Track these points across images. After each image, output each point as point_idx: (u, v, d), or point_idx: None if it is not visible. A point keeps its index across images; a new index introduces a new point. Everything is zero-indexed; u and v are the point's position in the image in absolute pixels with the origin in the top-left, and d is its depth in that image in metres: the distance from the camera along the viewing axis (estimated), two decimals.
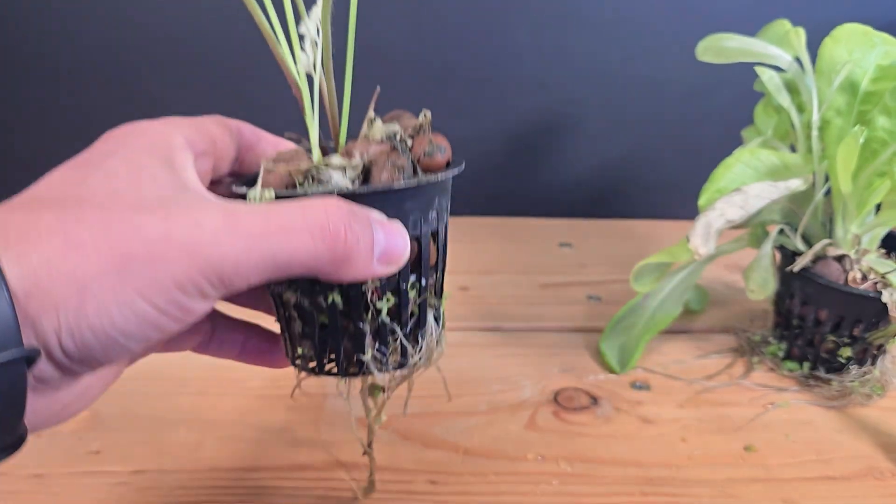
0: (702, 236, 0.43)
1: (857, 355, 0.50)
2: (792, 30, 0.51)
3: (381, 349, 0.31)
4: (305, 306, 0.30)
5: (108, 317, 0.22)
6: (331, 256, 0.25)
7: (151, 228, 0.23)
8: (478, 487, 0.41)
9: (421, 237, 0.30)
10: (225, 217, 0.24)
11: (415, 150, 0.31)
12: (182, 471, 0.41)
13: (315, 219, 0.25)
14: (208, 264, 0.23)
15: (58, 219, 0.23)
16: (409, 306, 0.31)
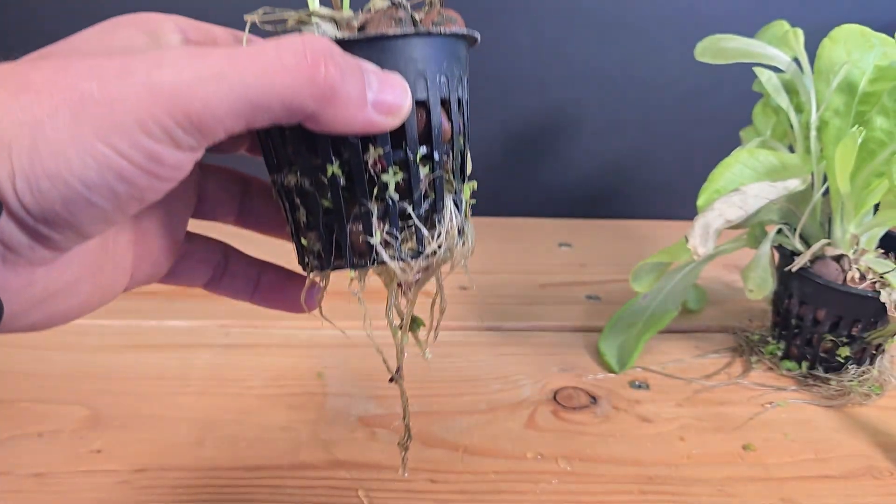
0: (700, 236, 0.43)
1: (855, 355, 0.50)
2: (790, 30, 0.51)
3: (391, 232, 0.27)
4: (307, 188, 0.27)
5: (65, 160, 0.20)
6: (312, 90, 0.22)
7: (109, 66, 0.21)
8: (477, 486, 0.41)
9: (428, 102, 0.26)
10: (190, 53, 0.21)
11: (424, 22, 0.28)
12: (183, 470, 0.42)
13: (290, 47, 0.22)
14: (174, 102, 0.20)
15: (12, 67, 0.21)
16: (420, 183, 0.27)
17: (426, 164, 0.27)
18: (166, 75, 0.20)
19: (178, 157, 0.21)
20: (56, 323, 0.24)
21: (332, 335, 0.55)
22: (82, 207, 0.21)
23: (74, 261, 0.23)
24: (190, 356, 0.52)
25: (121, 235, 0.26)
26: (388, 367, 0.32)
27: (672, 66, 0.74)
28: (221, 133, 0.22)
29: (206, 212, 0.32)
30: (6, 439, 0.44)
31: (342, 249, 0.27)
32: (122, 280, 0.27)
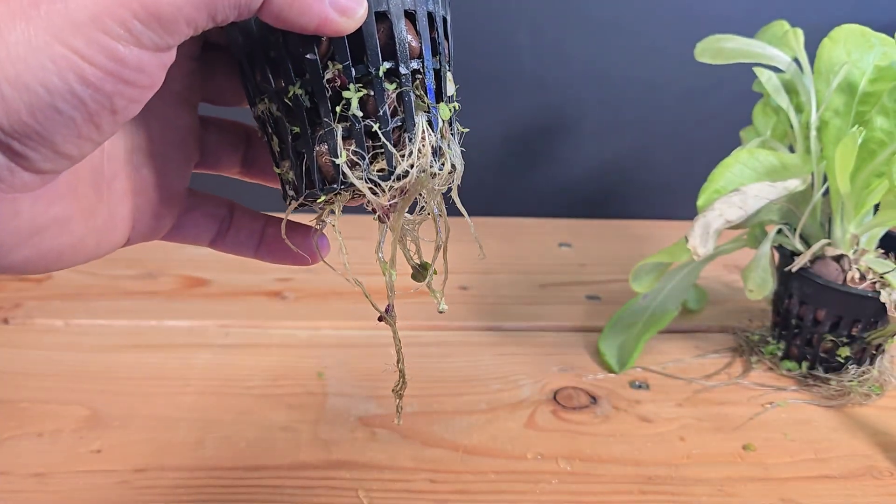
0: (700, 237, 0.43)
1: (855, 355, 0.50)
2: (790, 31, 0.51)
3: (357, 152, 0.26)
4: (275, 113, 0.27)
5: (24, 63, 0.19)
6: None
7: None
8: (477, 486, 0.41)
9: (390, 13, 0.25)
10: None
11: None
12: (183, 470, 0.42)
13: None
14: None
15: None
16: (384, 100, 0.26)
17: (392, 80, 0.26)
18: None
19: (140, 57, 0.20)
20: (50, 264, 0.23)
21: (332, 335, 0.55)
22: (49, 116, 0.20)
23: (63, 195, 0.23)
24: (190, 356, 0.53)
25: (116, 182, 0.26)
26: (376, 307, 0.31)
27: (672, 66, 0.74)
28: (184, 26, 0.21)
29: (210, 164, 0.31)
30: (6, 439, 0.44)
31: (311, 174, 0.26)
32: (121, 229, 0.26)
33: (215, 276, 0.64)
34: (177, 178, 0.29)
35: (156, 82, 0.21)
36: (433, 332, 0.57)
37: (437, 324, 0.58)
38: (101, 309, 0.58)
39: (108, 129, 0.21)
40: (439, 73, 0.27)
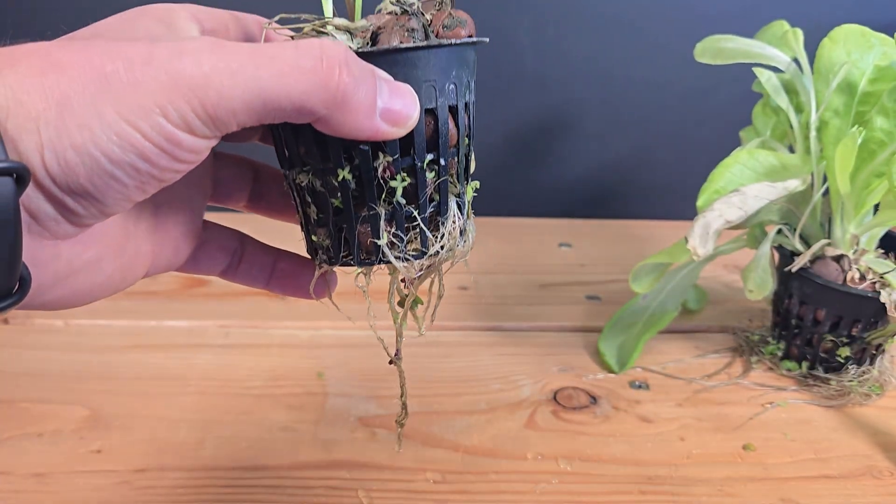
0: (700, 237, 0.43)
1: (855, 355, 0.50)
2: (790, 31, 0.51)
3: (397, 234, 0.28)
4: (318, 188, 0.28)
5: (91, 134, 0.21)
6: (324, 95, 0.23)
7: (134, 52, 0.22)
8: (478, 486, 0.41)
9: (437, 110, 0.27)
10: (211, 46, 0.22)
11: (434, 23, 0.28)
12: (183, 470, 0.42)
13: (308, 51, 0.23)
14: (191, 89, 0.21)
15: (38, 45, 0.22)
16: (426, 188, 0.28)
17: (432, 169, 0.28)
18: (187, 65, 0.21)
19: (193, 143, 0.22)
20: (80, 300, 0.25)
21: (333, 335, 0.55)
22: (105, 181, 0.22)
23: (97, 239, 0.24)
24: (190, 356, 0.53)
25: (141, 220, 0.27)
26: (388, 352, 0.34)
27: (672, 66, 0.74)
28: (234, 125, 0.22)
29: (219, 198, 0.33)
30: (6, 439, 0.44)
31: (350, 247, 0.28)
32: (143, 264, 0.28)
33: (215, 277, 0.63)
34: (194, 213, 0.30)
35: (201, 158, 0.23)
36: (433, 332, 0.57)
37: (437, 324, 0.58)
38: (101, 309, 0.58)
39: (151, 192, 0.23)
40: (468, 157, 0.30)
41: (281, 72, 0.22)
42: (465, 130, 0.29)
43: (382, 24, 0.27)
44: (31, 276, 0.22)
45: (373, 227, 0.28)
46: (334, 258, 0.29)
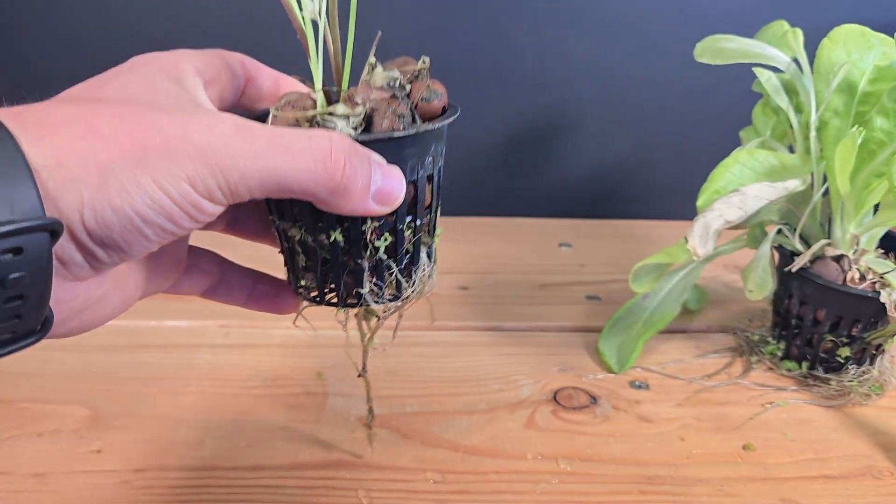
0: (700, 237, 0.43)
1: (855, 355, 0.50)
2: (790, 31, 0.51)
3: (377, 283, 0.33)
4: (309, 243, 0.32)
5: (128, 198, 0.24)
6: (329, 184, 0.26)
7: (169, 125, 0.24)
8: (478, 486, 0.41)
9: (417, 181, 0.32)
10: (237, 127, 0.25)
11: (413, 95, 0.33)
12: (183, 470, 0.42)
13: (320, 144, 0.26)
14: (218, 166, 0.25)
15: (77, 109, 0.24)
16: (404, 245, 0.33)
17: (410, 227, 0.33)
18: (216, 144, 0.25)
19: (212, 208, 0.26)
20: (86, 329, 0.27)
21: (333, 335, 0.55)
22: (135, 237, 0.25)
23: (109, 277, 0.27)
24: (190, 356, 0.53)
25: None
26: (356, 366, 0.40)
27: (672, 66, 0.74)
28: (247, 198, 0.26)
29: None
30: (6, 439, 0.44)
31: (336, 293, 0.33)
32: (139, 292, 0.30)
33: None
34: (182, 242, 0.33)
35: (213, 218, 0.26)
36: (433, 332, 0.57)
37: (437, 324, 0.58)
38: None
39: (167, 243, 0.26)
40: (436, 212, 0.34)
41: (295, 161, 0.26)
42: (437, 191, 0.34)
43: (374, 105, 0.31)
44: (53, 316, 0.25)
45: (357, 277, 0.33)
46: (320, 300, 0.34)
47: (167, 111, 0.25)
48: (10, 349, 0.24)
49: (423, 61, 0.34)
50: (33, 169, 0.22)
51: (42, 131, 0.23)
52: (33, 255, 0.23)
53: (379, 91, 0.32)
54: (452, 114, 0.33)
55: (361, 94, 0.32)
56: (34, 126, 0.23)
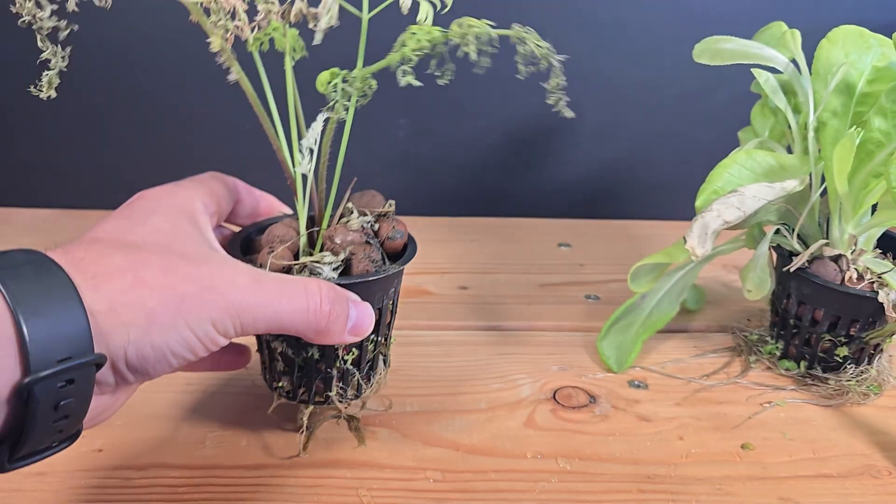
0: (699, 237, 0.43)
1: (853, 354, 0.50)
2: (788, 32, 0.51)
3: (342, 387, 0.41)
4: (289, 354, 0.40)
5: (166, 338, 0.30)
6: (316, 328, 0.34)
7: (200, 277, 0.31)
8: (477, 485, 0.41)
9: (382, 307, 0.40)
10: (252, 280, 0.32)
11: (380, 232, 0.41)
12: (184, 468, 0.42)
13: (313, 298, 0.33)
14: (236, 312, 0.31)
15: (126, 260, 0.30)
16: (367, 357, 0.41)
17: (372, 343, 0.41)
18: (237, 295, 0.31)
19: (224, 342, 0.32)
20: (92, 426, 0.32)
21: None
22: (163, 365, 0.31)
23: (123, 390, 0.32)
24: None
25: None
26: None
27: (670, 67, 0.74)
28: (252, 333, 0.33)
29: None
30: None
31: (308, 393, 0.41)
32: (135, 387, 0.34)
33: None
34: None
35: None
36: (433, 331, 0.57)
37: (437, 323, 0.58)
38: None
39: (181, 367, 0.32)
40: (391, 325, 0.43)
41: (295, 311, 0.33)
42: (394, 310, 0.42)
43: (353, 250, 0.39)
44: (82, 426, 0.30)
45: (326, 382, 0.41)
46: (293, 397, 0.42)
47: (197, 262, 0.32)
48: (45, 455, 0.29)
49: (389, 204, 0.42)
50: (90, 312, 0.27)
51: (98, 280, 0.29)
52: (81, 384, 0.27)
53: (354, 233, 0.40)
54: (412, 252, 0.41)
55: (340, 235, 0.39)
56: (92, 275, 0.29)
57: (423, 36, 0.36)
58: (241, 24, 0.34)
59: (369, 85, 0.37)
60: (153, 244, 0.32)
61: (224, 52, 0.35)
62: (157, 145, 0.75)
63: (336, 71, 0.37)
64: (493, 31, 0.36)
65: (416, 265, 0.68)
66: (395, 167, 0.78)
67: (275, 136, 0.38)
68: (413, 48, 0.36)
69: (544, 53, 0.40)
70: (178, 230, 0.34)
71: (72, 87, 0.35)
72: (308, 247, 0.40)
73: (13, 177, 0.76)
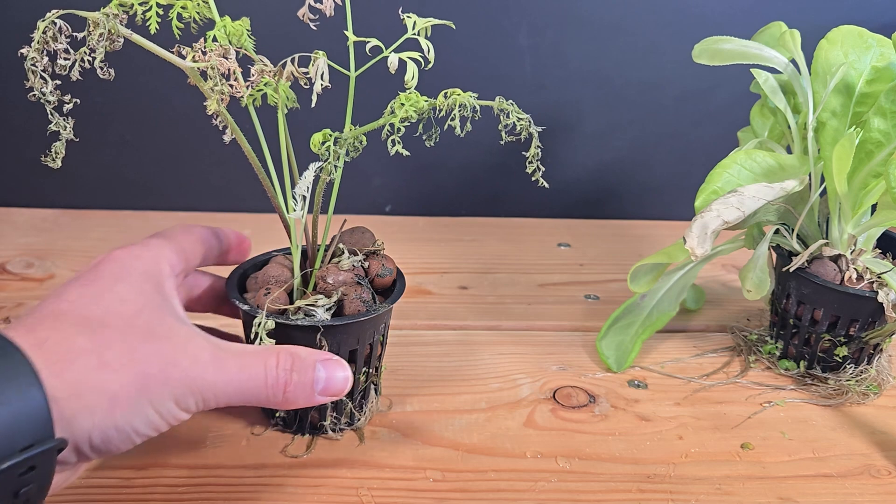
0: (698, 237, 0.43)
1: (853, 354, 0.50)
2: (787, 32, 0.51)
3: (336, 416, 0.44)
4: None
5: (130, 420, 0.30)
6: (275, 401, 0.35)
7: (163, 354, 0.32)
8: (477, 485, 0.41)
9: (373, 343, 0.43)
10: (214, 358, 0.33)
11: (370, 270, 0.43)
12: (184, 468, 0.42)
13: (271, 374, 0.34)
14: (199, 389, 0.32)
15: (89, 341, 0.30)
16: (359, 388, 0.43)
17: (364, 374, 0.43)
18: (199, 372, 0.32)
19: (185, 416, 0.33)
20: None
21: None
22: (126, 445, 0.31)
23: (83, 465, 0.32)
24: None
25: None
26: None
27: (670, 67, 0.74)
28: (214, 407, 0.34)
29: None
30: None
31: (303, 423, 0.44)
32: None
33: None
34: None
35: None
36: (433, 331, 0.57)
37: (437, 323, 0.58)
38: None
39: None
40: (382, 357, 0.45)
41: (256, 386, 0.34)
42: (384, 342, 0.44)
43: (345, 291, 0.41)
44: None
45: (321, 413, 0.43)
46: (289, 426, 0.44)
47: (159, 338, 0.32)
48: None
49: (380, 244, 0.44)
50: (52, 398, 0.28)
51: (61, 365, 0.29)
52: (43, 469, 0.28)
53: (346, 273, 0.42)
54: (401, 289, 0.43)
55: (332, 275, 0.41)
56: (55, 359, 0.29)
57: (411, 106, 0.38)
58: (237, 84, 0.36)
59: (360, 141, 0.40)
60: (117, 318, 0.32)
61: (220, 114, 0.37)
62: (157, 145, 0.75)
63: (328, 133, 0.39)
64: (477, 101, 0.39)
65: (416, 265, 0.68)
66: (395, 167, 0.78)
67: (269, 185, 0.40)
68: (402, 117, 0.38)
69: (524, 125, 0.44)
70: (143, 299, 0.34)
71: (72, 87, 0.35)
72: (301, 285, 0.42)
73: (13, 177, 0.76)
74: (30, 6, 0.70)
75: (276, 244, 0.46)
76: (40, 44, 0.33)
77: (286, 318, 0.39)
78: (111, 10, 0.34)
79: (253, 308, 0.40)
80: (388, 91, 0.42)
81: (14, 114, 0.74)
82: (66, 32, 0.33)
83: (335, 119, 0.42)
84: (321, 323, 0.39)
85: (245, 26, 0.38)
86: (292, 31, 0.48)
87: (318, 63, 0.36)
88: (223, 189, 0.76)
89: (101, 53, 0.34)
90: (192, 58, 0.35)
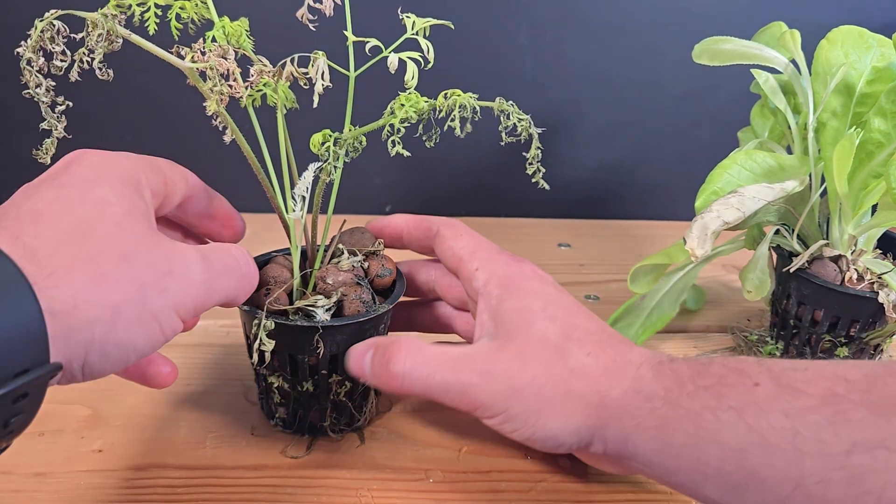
0: (698, 238, 0.43)
1: (853, 355, 0.50)
2: (788, 32, 0.51)
3: (336, 417, 0.43)
4: (285, 388, 0.42)
5: (131, 334, 0.28)
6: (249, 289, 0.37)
7: (157, 262, 0.30)
8: (477, 485, 0.41)
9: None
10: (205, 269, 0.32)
11: (370, 271, 0.43)
12: (184, 469, 0.42)
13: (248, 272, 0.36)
14: (193, 297, 0.31)
15: (83, 249, 0.28)
16: (358, 389, 0.43)
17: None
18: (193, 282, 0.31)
19: (181, 328, 0.32)
20: None
21: None
22: (119, 364, 0.29)
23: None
24: (190, 356, 0.53)
25: None
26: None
27: (670, 67, 0.74)
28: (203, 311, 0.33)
29: None
30: None
31: (303, 423, 0.44)
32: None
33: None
34: None
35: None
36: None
37: None
38: None
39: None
40: None
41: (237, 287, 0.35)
42: None
43: (345, 292, 0.41)
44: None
45: (320, 413, 0.43)
46: (289, 427, 0.44)
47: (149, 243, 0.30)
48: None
49: (379, 243, 0.44)
50: (50, 312, 0.25)
51: (58, 276, 0.26)
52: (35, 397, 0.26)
53: (345, 274, 0.42)
54: (401, 289, 0.43)
55: (332, 276, 0.41)
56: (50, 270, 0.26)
57: (411, 107, 0.38)
58: (236, 84, 0.36)
59: (359, 142, 0.40)
60: (105, 223, 0.29)
61: (220, 115, 0.37)
62: (156, 146, 0.75)
63: (328, 133, 0.39)
64: (477, 102, 0.39)
65: None
66: (395, 167, 0.78)
67: (269, 185, 0.40)
68: (401, 118, 0.38)
69: (524, 126, 0.43)
70: (128, 203, 0.31)
71: (71, 86, 0.35)
72: (301, 286, 0.42)
73: (13, 177, 0.76)
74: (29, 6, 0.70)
75: (276, 245, 0.46)
76: (37, 43, 0.33)
77: (286, 319, 0.39)
78: (109, 11, 0.34)
79: (253, 308, 0.39)
80: (387, 91, 0.42)
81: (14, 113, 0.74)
82: (63, 34, 0.33)
83: (335, 119, 0.42)
84: (321, 323, 0.39)
85: (244, 27, 0.38)
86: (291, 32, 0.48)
87: (318, 63, 0.36)
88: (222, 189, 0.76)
89: (100, 54, 0.34)
90: (191, 58, 0.35)
